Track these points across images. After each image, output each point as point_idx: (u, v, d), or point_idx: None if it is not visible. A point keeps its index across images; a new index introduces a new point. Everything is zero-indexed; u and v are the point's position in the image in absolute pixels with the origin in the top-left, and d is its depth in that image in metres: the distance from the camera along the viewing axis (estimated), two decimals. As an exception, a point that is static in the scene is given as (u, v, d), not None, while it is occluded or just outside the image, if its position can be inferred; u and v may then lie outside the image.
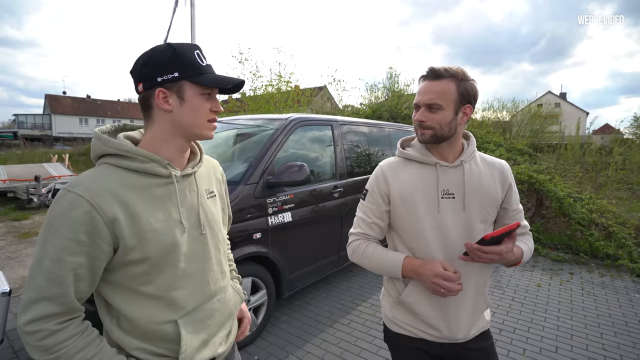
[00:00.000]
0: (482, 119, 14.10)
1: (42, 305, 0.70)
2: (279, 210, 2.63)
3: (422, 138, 1.07)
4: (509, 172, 1.15)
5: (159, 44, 0.84)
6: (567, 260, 4.48)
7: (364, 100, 11.98)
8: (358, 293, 3.41)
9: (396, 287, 1.16)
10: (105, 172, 0.78)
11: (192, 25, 5.04)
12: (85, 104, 42.25)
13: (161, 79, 0.79)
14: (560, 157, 9.26)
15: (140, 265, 0.78)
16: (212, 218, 0.94)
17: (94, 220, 0.71)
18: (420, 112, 1.05)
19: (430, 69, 1.05)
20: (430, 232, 1.06)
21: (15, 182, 7.75)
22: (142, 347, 0.81)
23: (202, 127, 0.85)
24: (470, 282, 1.09)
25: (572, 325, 2.91)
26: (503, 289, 3.58)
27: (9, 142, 28.86)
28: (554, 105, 28.77)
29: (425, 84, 1.05)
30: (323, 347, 2.55)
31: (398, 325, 1.16)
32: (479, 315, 1.12)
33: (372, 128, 3.96)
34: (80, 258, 0.71)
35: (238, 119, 3.51)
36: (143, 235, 0.77)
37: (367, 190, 1.18)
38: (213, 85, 0.83)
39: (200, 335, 0.87)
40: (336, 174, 3.25)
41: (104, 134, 0.85)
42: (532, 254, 1.16)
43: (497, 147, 6.92)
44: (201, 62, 0.83)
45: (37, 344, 0.70)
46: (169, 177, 0.83)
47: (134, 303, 0.80)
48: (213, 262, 0.93)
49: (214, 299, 0.92)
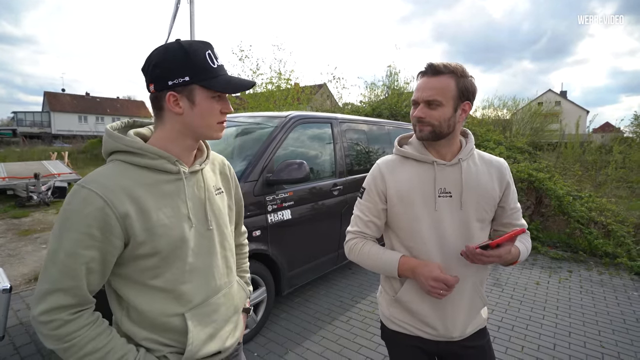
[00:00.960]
0: (482, 117, 14.10)
1: (56, 297, 0.72)
2: (279, 207, 2.63)
3: (420, 135, 1.06)
4: (507, 170, 1.15)
5: (171, 42, 0.83)
6: (566, 258, 4.49)
7: (363, 98, 11.97)
8: (357, 290, 3.42)
9: (393, 285, 1.16)
10: (117, 169, 0.80)
11: (191, 21, 5.03)
12: (84, 102, 42.15)
13: (172, 83, 0.80)
14: (560, 155, 9.26)
15: (150, 259, 0.80)
16: (219, 214, 0.95)
17: (106, 216, 0.74)
18: (420, 109, 1.04)
19: (429, 65, 1.03)
20: (427, 231, 1.06)
21: (14, 180, 7.76)
22: (150, 337, 0.83)
23: (212, 129, 0.86)
24: (467, 281, 1.09)
25: (570, 322, 2.92)
26: (502, 287, 3.59)
27: (8, 140, 28.83)
28: (554, 104, 28.77)
29: (424, 80, 1.04)
30: (322, 343, 2.56)
31: (395, 323, 1.16)
32: (475, 313, 1.13)
33: (371, 126, 3.96)
34: (93, 252, 0.73)
35: (238, 117, 3.51)
36: (153, 230, 0.79)
37: (364, 188, 1.18)
38: (224, 91, 0.83)
39: (207, 329, 0.89)
40: (336, 171, 3.26)
41: (115, 130, 0.86)
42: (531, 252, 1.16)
43: (497, 146, 6.93)
44: (212, 64, 0.83)
45: (51, 333, 0.72)
46: (178, 173, 0.85)
47: (143, 296, 0.82)
48: (219, 258, 0.94)
49: (220, 293, 0.94)
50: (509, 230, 1.14)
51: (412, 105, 1.09)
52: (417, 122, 1.06)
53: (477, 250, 0.96)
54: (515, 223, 1.15)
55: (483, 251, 0.95)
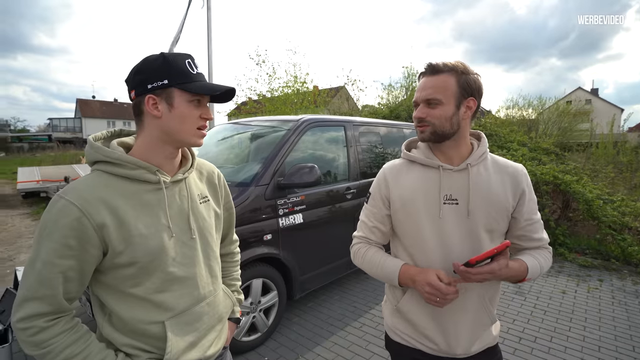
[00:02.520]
0: (506, 117, 13.64)
1: (32, 304, 0.73)
2: (290, 211, 2.62)
3: (422, 136, 1.02)
4: (524, 177, 1.05)
5: (152, 54, 0.86)
6: (596, 266, 4.23)
7: (381, 100, 11.86)
8: (372, 296, 3.35)
9: (395, 294, 1.12)
10: (97, 179, 0.81)
11: (208, 27, 5.14)
12: (112, 107, 44.09)
13: (151, 86, 0.82)
14: (591, 156, 8.80)
15: (129, 269, 0.81)
16: (203, 223, 0.94)
17: (83, 226, 0.74)
18: (419, 109, 1.01)
19: (428, 65, 1.00)
20: (430, 240, 1.01)
21: (47, 183, 8.20)
22: (130, 343, 0.83)
23: (190, 134, 0.86)
24: (472, 294, 1.02)
25: (600, 336, 2.74)
26: (524, 295, 3.42)
27: (44, 145, 30.53)
28: (584, 102, 27.45)
29: (423, 80, 1.01)
30: (334, 350, 2.52)
31: (396, 334, 1.11)
32: (481, 330, 1.05)
33: (387, 128, 3.89)
34: (69, 261, 0.74)
35: (253, 120, 3.54)
36: (131, 240, 0.79)
37: (370, 193, 1.15)
38: (201, 92, 0.84)
39: (187, 337, 0.88)
40: (349, 175, 3.22)
41: (98, 140, 0.88)
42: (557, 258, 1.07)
43: (521, 147, 6.66)
44: (191, 71, 0.84)
45: (29, 339, 0.74)
46: (158, 183, 0.85)
47: (124, 303, 0.82)
48: (202, 267, 0.93)
49: (203, 302, 0.93)
50: (526, 244, 1.06)
51: (414, 107, 1.05)
52: (418, 123, 1.02)
53: (460, 268, 0.89)
54: (532, 237, 1.05)
55: (467, 268, 0.89)
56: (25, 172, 9.39)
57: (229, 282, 1.15)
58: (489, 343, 1.07)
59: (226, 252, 1.17)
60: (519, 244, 1.07)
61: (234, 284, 1.17)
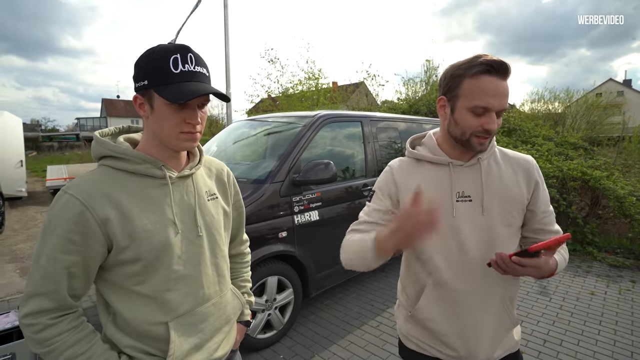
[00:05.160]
0: (530, 111, 13.14)
1: (37, 300, 0.73)
2: (305, 208, 2.60)
3: (482, 147, 0.92)
4: (535, 168, 1.00)
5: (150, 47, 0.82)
6: (629, 266, 4.01)
7: (400, 95, 11.65)
8: (390, 294, 3.30)
9: (409, 297, 1.07)
10: (102, 174, 0.80)
11: (225, 25, 5.18)
12: (136, 107, 45.43)
13: (136, 86, 0.80)
14: (623, 151, 8.35)
15: (133, 265, 0.79)
16: (210, 221, 0.92)
17: (86, 221, 0.73)
18: (495, 119, 0.88)
19: (500, 63, 0.85)
20: (444, 240, 0.95)
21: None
22: (133, 345, 0.82)
23: (172, 137, 0.81)
24: (493, 295, 0.97)
25: (632, 341, 2.59)
26: (549, 296, 3.28)
27: (72, 144, 31.82)
28: (616, 94, 26.07)
29: (495, 83, 0.86)
30: (349, 349, 2.49)
31: (411, 341, 1.06)
32: (503, 334, 0.99)
33: (406, 124, 3.81)
34: (73, 257, 0.74)
35: (269, 117, 3.54)
36: (135, 235, 0.78)
37: (374, 191, 1.07)
38: (172, 100, 0.75)
39: (191, 339, 0.86)
40: (366, 171, 3.16)
41: (105, 136, 0.87)
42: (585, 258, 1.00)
43: (546, 142, 6.39)
44: (174, 70, 0.76)
45: (33, 336, 0.73)
46: (164, 178, 0.83)
47: (128, 302, 0.81)
48: (208, 265, 0.91)
49: (209, 302, 0.90)
50: (543, 237, 0.99)
51: (474, 112, 0.88)
52: (484, 134, 0.89)
53: (513, 258, 0.83)
54: (549, 229, 1.00)
55: (520, 259, 0.82)
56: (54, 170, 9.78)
57: (239, 283, 1.12)
58: (512, 348, 1.01)
59: (236, 252, 1.15)
60: (536, 238, 1.00)
61: (244, 285, 1.14)
